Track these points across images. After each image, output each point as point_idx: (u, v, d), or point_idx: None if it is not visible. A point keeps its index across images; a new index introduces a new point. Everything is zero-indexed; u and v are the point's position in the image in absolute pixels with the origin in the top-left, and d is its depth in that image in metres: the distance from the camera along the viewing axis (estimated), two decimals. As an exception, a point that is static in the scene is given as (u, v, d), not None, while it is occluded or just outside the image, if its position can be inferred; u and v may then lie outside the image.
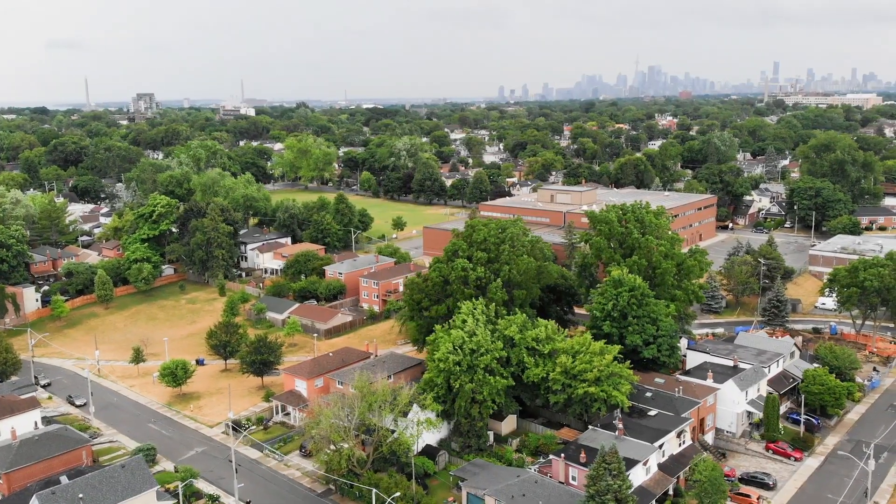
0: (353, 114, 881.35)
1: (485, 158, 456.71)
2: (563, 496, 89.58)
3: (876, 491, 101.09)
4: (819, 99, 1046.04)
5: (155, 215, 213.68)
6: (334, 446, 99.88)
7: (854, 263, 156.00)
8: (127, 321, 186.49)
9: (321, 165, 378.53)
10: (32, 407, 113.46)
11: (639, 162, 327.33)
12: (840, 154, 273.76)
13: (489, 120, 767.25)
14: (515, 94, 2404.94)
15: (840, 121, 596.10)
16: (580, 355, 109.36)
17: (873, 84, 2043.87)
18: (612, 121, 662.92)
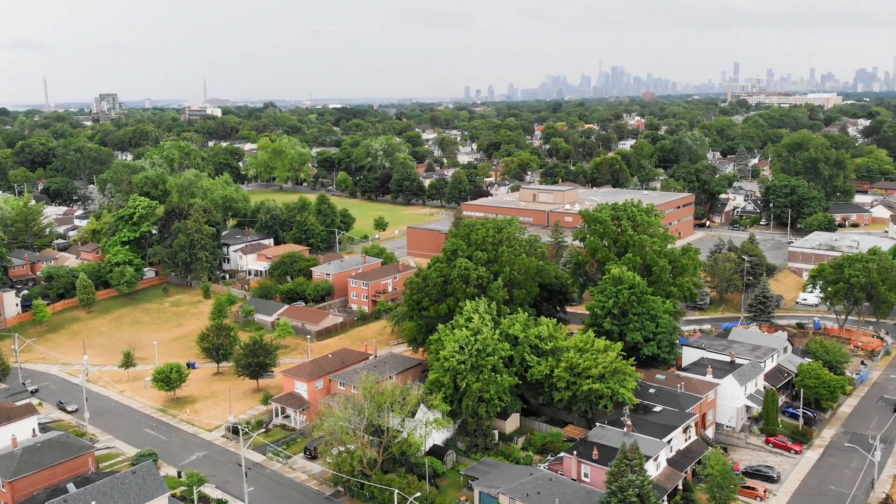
0: (321, 114, 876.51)
1: (459, 158, 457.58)
2: (579, 493, 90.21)
3: (876, 481, 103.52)
4: (781, 99, 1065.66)
5: (136, 217, 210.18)
6: (344, 447, 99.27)
7: (839, 259, 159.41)
8: (111, 325, 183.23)
9: (296, 166, 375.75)
10: (29, 413, 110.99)
11: (614, 161, 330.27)
12: (813, 152, 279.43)
13: (459, 120, 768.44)
14: (481, 94, 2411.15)
15: (804, 120, 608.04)
16: (585, 353, 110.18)
17: (831, 84, 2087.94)
18: (581, 121, 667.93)
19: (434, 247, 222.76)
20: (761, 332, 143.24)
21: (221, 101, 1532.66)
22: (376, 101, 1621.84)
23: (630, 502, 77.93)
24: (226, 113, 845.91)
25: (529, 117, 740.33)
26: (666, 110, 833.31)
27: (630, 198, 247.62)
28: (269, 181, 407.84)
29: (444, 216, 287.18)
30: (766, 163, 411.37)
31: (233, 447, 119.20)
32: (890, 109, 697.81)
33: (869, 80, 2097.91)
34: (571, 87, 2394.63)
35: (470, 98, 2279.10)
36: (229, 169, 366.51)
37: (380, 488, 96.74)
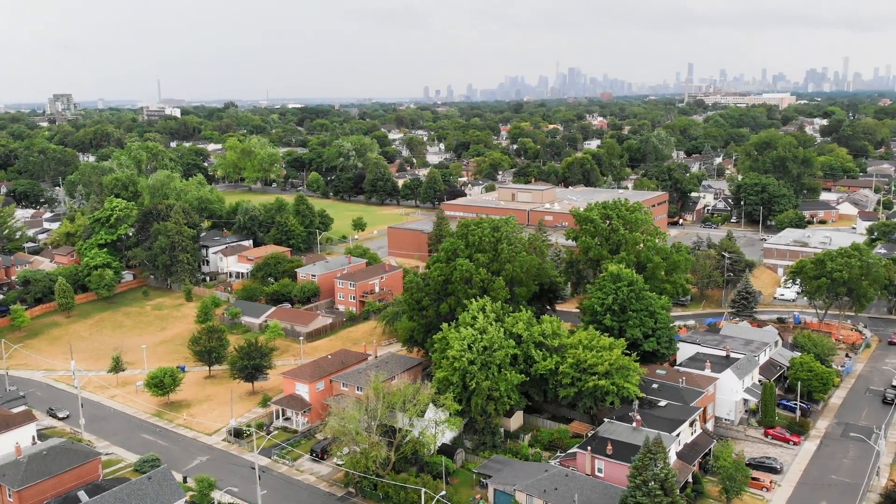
0: (282, 113, 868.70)
1: (428, 159, 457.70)
2: (596, 488, 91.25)
3: (875, 470, 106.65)
4: (736, 99, 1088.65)
5: (112, 219, 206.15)
6: (357, 447, 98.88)
7: (820, 255, 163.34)
8: (92, 330, 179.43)
9: (265, 166, 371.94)
10: (28, 420, 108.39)
11: (585, 161, 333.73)
12: (781, 151, 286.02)
13: (424, 120, 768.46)
14: (441, 94, 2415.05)
15: (763, 120, 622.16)
16: (591, 350, 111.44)
17: (782, 84, 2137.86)
18: (544, 121, 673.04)
19: (416, 247, 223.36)
20: (751, 327, 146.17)
21: (177, 101, 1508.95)
22: (335, 101, 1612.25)
23: (655, 495, 79.09)
24: (185, 113, 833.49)
25: (494, 118, 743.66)
26: (626, 110, 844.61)
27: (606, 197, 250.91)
28: (237, 182, 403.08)
29: (422, 216, 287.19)
30: (731, 161, 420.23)
31: (235, 451, 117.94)
32: (844, 109, 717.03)
33: (819, 80, 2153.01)
34: (529, 88, 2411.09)
35: (429, 98, 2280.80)
36: (197, 170, 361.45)
37: (400, 487, 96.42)
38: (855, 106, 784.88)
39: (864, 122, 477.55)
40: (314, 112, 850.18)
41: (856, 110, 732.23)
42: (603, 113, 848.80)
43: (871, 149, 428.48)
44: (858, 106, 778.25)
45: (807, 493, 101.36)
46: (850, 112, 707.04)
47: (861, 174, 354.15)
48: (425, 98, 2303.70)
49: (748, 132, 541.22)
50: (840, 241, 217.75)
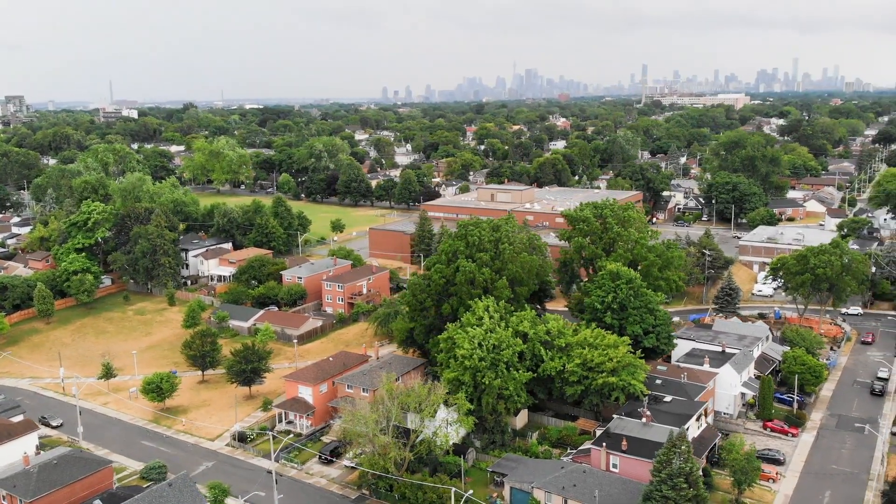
0: (243, 114, 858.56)
1: (397, 159, 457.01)
2: (615, 483, 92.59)
3: (872, 460, 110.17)
4: (692, 99, 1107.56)
5: (90, 223, 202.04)
6: (374, 449, 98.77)
7: (802, 251, 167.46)
8: (74, 336, 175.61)
9: (235, 168, 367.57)
10: (30, 430, 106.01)
11: (556, 161, 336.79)
12: (750, 150, 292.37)
13: (387, 121, 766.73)
14: (399, 94, 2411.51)
15: (722, 120, 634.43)
16: (597, 348, 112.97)
17: (734, 84, 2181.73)
18: (508, 122, 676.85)
19: (398, 247, 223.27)
20: (742, 323, 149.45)
21: (129, 102, 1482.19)
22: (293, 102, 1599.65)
23: (680, 489, 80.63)
24: (142, 115, 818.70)
25: (457, 119, 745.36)
26: (587, 111, 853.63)
27: (584, 196, 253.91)
28: (205, 184, 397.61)
29: (398, 217, 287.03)
30: (695, 161, 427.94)
31: (241, 455, 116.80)
32: (799, 109, 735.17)
33: (770, 80, 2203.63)
34: (487, 89, 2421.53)
35: (388, 99, 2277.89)
36: (165, 172, 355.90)
37: (418, 487, 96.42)
38: (808, 106, 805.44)
39: (822, 121, 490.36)
40: (275, 112, 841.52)
41: (809, 110, 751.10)
42: (564, 114, 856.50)
43: (829, 147, 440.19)
44: (812, 106, 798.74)
45: (811, 482, 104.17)
46: (804, 112, 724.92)
47: (823, 172, 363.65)
48: (384, 98, 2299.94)
49: (709, 132, 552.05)
50: (812, 238, 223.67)
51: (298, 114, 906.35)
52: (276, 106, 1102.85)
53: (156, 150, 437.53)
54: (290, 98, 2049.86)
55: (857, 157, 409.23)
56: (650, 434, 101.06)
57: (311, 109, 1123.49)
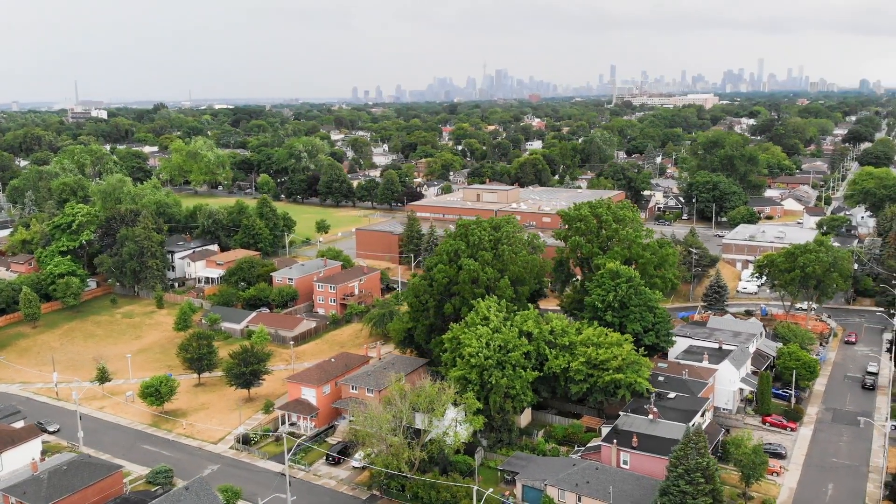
0: (214, 114, 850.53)
1: (375, 160, 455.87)
2: (628, 479, 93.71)
3: (870, 453, 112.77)
4: (663, 100, 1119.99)
5: (74, 225, 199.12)
6: (386, 449, 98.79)
7: (790, 249, 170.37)
8: (62, 340, 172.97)
9: (213, 169, 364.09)
10: (33, 435, 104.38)
11: (537, 161, 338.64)
12: (729, 150, 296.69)
13: (362, 121, 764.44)
14: (370, 94, 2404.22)
15: (693, 120, 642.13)
16: (602, 347, 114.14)
17: (701, 85, 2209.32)
18: (483, 122, 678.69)
19: (385, 248, 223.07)
20: (734, 319, 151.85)
21: (95, 102, 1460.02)
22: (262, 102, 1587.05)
23: (698, 484, 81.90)
24: (112, 115, 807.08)
25: (432, 119, 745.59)
26: (560, 112, 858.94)
27: (568, 196, 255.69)
28: (182, 185, 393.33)
29: (382, 217, 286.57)
30: (670, 161, 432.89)
31: (246, 458, 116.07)
32: (767, 109, 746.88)
33: (736, 80, 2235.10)
34: (458, 89, 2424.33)
35: (358, 98, 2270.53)
36: (142, 173, 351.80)
37: (430, 486, 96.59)
38: (777, 106, 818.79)
39: (793, 121, 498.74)
40: (247, 113, 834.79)
41: (778, 110, 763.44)
42: (537, 114, 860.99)
43: (801, 147, 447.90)
44: (780, 106, 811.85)
45: (814, 475, 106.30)
46: (773, 112, 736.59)
47: (798, 171, 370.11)
48: (354, 98, 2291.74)
49: (682, 132, 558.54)
50: (793, 236, 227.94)
51: (270, 114, 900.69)
52: (246, 106, 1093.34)
53: (129, 152, 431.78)
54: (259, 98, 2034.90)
55: (829, 156, 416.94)
56: (658, 430, 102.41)
57: (282, 109, 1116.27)
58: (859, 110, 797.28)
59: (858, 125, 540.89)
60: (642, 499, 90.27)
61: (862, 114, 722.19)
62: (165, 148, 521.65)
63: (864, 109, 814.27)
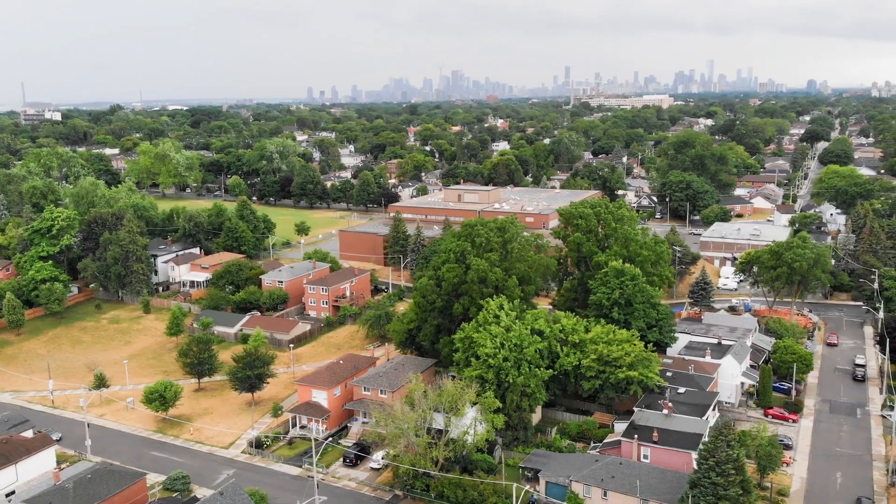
0: (172, 115, 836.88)
1: (343, 161, 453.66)
2: (653, 473, 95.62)
3: (871, 442, 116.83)
4: (619, 101, 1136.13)
5: (55, 230, 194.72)
6: (411, 449, 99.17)
7: (773, 247, 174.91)
8: (49, 347, 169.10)
9: (182, 171, 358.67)
10: (47, 444, 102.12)
11: (510, 162, 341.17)
12: (700, 149, 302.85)
13: (324, 122, 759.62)
14: (325, 95, 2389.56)
15: (654, 121, 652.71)
16: (612, 344, 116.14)
17: (654, 86, 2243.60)
18: (447, 123, 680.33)
19: (370, 249, 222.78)
20: (730, 315, 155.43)
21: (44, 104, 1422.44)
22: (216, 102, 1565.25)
23: (728, 475, 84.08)
24: (66, 117, 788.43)
25: (395, 120, 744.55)
26: (521, 113, 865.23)
27: (547, 196, 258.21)
28: (150, 188, 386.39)
29: (358, 219, 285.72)
30: (636, 161, 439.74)
31: (260, 462, 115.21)
32: (724, 109, 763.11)
33: (687, 81, 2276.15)
34: (415, 90, 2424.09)
35: (314, 99, 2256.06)
36: (109, 175, 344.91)
37: (456, 485, 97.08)
38: (732, 106, 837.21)
39: (753, 121, 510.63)
40: (205, 113, 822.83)
41: (734, 110, 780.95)
42: (499, 115, 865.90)
43: (762, 146, 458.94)
44: (735, 106, 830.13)
45: (821, 464, 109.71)
46: (728, 112, 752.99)
47: (762, 170, 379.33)
48: (310, 99, 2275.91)
49: (644, 132, 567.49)
50: (768, 233, 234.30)
51: (229, 114, 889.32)
52: (201, 107, 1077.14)
53: (91, 154, 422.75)
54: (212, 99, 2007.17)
55: (790, 155, 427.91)
56: (675, 425, 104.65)
57: (240, 110, 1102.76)
58: (811, 110, 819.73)
59: (814, 125, 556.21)
60: (668, 492, 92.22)
61: (815, 114, 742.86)
62: (128, 150, 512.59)
63: (815, 109, 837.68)
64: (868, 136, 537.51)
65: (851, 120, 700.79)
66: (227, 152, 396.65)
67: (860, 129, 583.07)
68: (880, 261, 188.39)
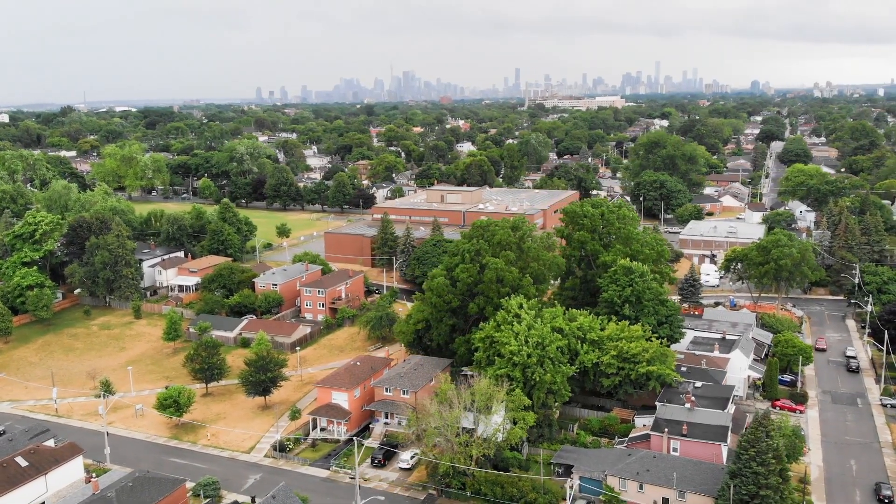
0: (125, 117, 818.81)
1: (309, 162, 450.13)
2: (688, 465, 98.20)
3: (876, 430, 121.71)
4: (573, 102, 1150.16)
5: (38, 235, 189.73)
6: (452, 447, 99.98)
7: (763, 243, 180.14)
8: (40, 355, 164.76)
9: (149, 173, 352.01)
10: (75, 453, 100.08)
11: (482, 162, 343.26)
12: (671, 149, 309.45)
13: (282, 123, 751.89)
14: (274, 95, 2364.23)
15: (611, 122, 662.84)
16: (632, 341, 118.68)
17: (602, 87, 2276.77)
18: (407, 124, 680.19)
19: (357, 251, 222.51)
20: (728, 311, 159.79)
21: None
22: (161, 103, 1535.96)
23: (769, 464, 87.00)
24: (14, 119, 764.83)
25: (355, 120, 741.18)
26: (480, 114, 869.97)
27: (528, 196, 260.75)
28: (115, 191, 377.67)
29: (336, 221, 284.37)
30: (601, 161, 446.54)
31: (286, 465, 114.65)
32: (677, 109, 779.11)
33: (634, 83, 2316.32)
34: (366, 90, 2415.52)
35: (263, 99, 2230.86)
36: (74, 178, 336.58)
37: (493, 482, 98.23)
38: (683, 107, 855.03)
39: (712, 121, 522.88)
40: (159, 115, 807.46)
41: (685, 110, 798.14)
42: (457, 116, 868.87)
43: (721, 146, 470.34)
44: (688, 107, 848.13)
45: (835, 453, 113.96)
46: (681, 112, 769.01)
47: (726, 169, 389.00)
48: (258, 99, 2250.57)
49: (603, 133, 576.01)
50: (744, 231, 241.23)
51: (181, 115, 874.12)
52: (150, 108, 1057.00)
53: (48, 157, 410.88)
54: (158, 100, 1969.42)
55: (750, 154, 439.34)
56: (700, 418, 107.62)
57: (192, 111, 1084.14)
58: (761, 110, 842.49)
59: (768, 125, 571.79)
60: (703, 483, 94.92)
61: (765, 114, 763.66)
62: (85, 153, 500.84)
63: (764, 110, 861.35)
64: (820, 135, 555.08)
65: (801, 120, 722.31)
66: (193, 154, 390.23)
67: (811, 128, 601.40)
68: (856, 256, 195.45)
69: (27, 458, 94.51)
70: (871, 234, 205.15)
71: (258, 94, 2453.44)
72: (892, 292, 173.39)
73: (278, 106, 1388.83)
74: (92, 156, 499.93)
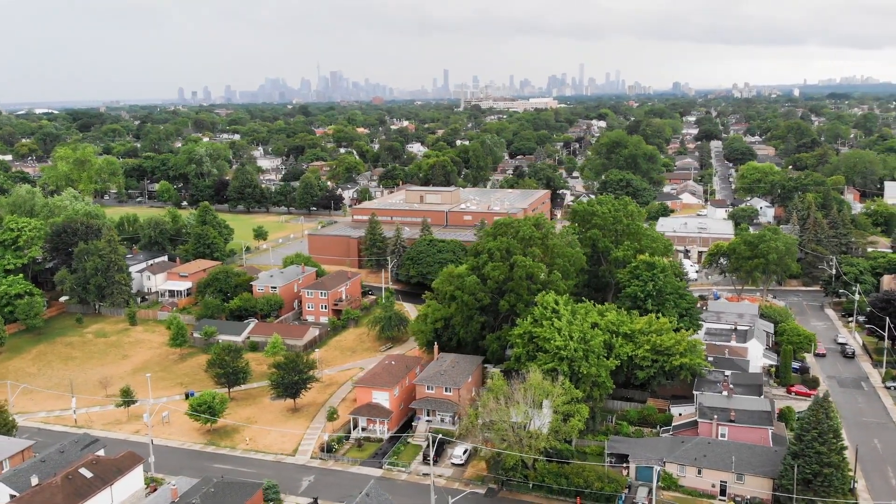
0: (53, 118, 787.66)
1: (259, 164, 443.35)
2: (743, 449, 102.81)
3: (887, 410, 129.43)
4: (508, 104, 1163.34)
5: (21, 241, 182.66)
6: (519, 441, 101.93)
7: (751, 238, 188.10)
8: (38, 365, 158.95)
9: (104, 177, 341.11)
10: (136, 462, 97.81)
11: (446, 163, 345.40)
12: (632, 149, 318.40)
13: (221, 124, 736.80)
14: (197, 95, 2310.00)
15: (552, 122, 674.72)
16: (664, 334, 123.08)
17: (529, 89, 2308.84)
18: (351, 125, 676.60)
19: (344, 252, 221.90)
20: (731, 302, 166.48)
21: None
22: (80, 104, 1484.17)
23: (830, 443, 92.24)
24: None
25: (295, 122, 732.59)
26: (421, 115, 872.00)
27: (501, 196, 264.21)
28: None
29: (305, 222, 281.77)
30: (554, 161, 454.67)
31: (335, 466, 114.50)
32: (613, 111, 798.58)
33: (560, 85, 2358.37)
34: (293, 91, 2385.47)
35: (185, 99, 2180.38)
36: (26, 182, 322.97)
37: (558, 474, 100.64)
38: (616, 108, 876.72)
39: (655, 121, 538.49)
40: (88, 116, 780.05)
41: (618, 111, 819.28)
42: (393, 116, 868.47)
43: (664, 145, 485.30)
44: (620, 108, 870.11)
45: (857, 433, 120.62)
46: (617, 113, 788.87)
47: (675, 168, 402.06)
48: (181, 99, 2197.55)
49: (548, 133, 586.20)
50: (714, 227, 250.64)
51: (110, 117, 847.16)
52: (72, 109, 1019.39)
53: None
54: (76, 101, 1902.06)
55: (693, 153, 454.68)
56: (740, 404, 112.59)
57: (120, 112, 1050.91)
58: (690, 111, 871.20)
59: (706, 125, 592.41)
60: (760, 465, 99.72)
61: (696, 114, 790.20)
62: (24, 156, 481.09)
63: (693, 110, 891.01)
64: (755, 134, 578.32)
65: (731, 120, 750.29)
66: (146, 157, 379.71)
67: (745, 128, 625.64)
68: (826, 249, 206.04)
69: (91, 469, 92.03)
70: (839, 228, 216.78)
71: (180, 94, 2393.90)
72: (867, 282, 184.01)
73: (204, 106, 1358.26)
74: (29, 159, 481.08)
